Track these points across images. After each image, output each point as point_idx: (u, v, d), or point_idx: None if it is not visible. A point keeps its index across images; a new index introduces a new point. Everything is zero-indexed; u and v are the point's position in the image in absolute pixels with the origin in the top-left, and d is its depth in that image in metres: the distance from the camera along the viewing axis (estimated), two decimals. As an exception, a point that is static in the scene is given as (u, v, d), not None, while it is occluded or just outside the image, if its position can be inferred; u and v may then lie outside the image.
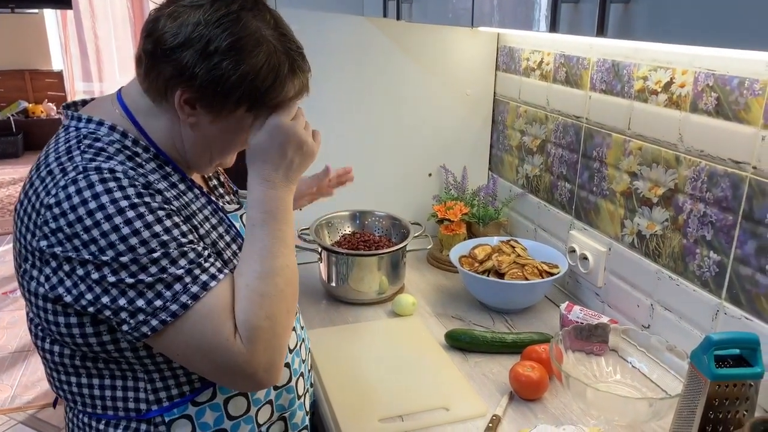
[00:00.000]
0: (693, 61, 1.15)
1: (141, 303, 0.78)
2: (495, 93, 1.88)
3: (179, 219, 0.83)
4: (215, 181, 1.07)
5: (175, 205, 0.84)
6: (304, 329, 1.13)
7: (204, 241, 0.88)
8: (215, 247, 0.90)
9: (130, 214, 0.78)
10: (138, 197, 0.79)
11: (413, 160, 1.86)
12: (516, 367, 1.18)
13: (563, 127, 1.56)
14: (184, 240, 0.81)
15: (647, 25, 0.72)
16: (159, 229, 0.79)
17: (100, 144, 0.84)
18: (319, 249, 1.54)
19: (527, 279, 1.45)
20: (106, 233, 0.77)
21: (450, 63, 1.79)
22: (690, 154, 1.17)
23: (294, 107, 0.91)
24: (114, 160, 0.82)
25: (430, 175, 1.89)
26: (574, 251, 1.52)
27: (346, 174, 1.42)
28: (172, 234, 0.80)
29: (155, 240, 0.78)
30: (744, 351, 0.94)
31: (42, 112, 6.46)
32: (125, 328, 0.79)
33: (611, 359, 1.21)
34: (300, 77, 0.90)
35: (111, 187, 0.78)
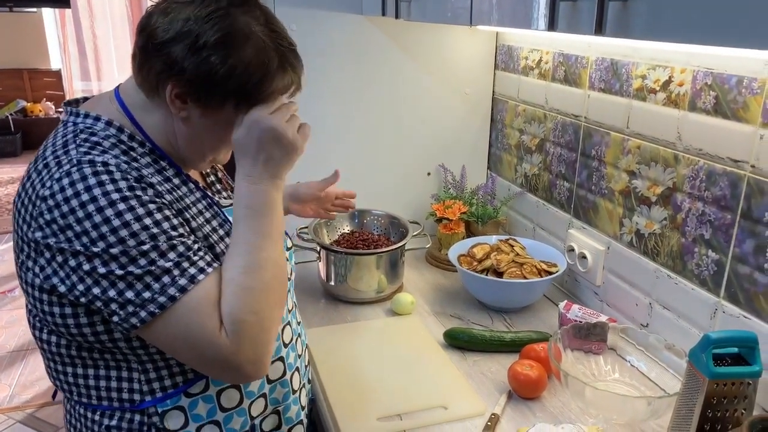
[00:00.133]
0: (691, 60, 1.15)
1: (130, 294, 0.79)
2: (494, 92, 1.88)
3: (170, 212, 0.84)
4: (213, 178, 1.08)
5: (167, 199, 0.85)
6: (301, 325, 1.13)
7: (196, 235, 0.88)
8: (207, 241, 0.90)
9: (120, 206, 0.79)
10: (129, 190, 0.80)
11: (412, 159, 1.85)
12: (515, 366, 1.18)
13: (562, 126, 1.56)
14: (174, 233, 0.82)
15: (645, 24, 0.72)
16: (149, 222, 0.80)
17: (95, 138, 0.85)
18: (318, 248, 1.54)
19: (526, 278, 1.45)
20: (97, 225, 0.78)
21: (449, 62, 1.79)
22: (688, 152, 1.18)
23: (277, 102, 0.90)
24: (108, 154, 0.83)
25: (428, 174, 1.89)
26: (572, 250, 1.52)
27: (350, 197, 1.44)
28: (162, 227, 0.81)
29: (145, 232, 0.79)
30: (742, 349, 0.95)
31: (40, 111, 6.45)
32: (116, 319, 0.80)
33: (610, 358, 1.21)
34: (290, 73, 0.90)
35: (103, 180, 0.79)
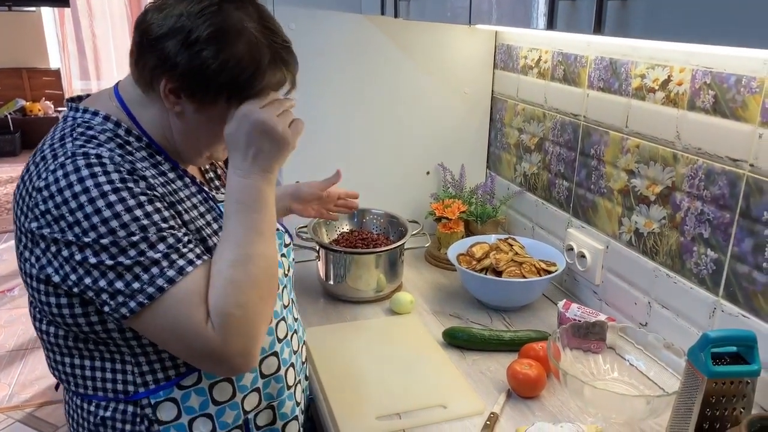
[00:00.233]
0: (690, 59, 1.15)
1: (120, 285, 0.80)
2: (493, 91, 1.88)
3: (161, 205, 0.85)
4: (212, 174, 1.10)
5: (159, 192, 0.86)
6: (298, 321, 1.13)
7: (187, 227, 0.89)
8: (199, 234, 0.91)
9: (112, 198, 0.80)
10: (121, 182, 0.82)
11: (411, 158, 1.85)
12: (514, 365, 1.18)
13: (561, 125, 1.56)
14: (164, 225, 0.83)
15: (644, 23, 0.72)
16: (139, 213, 0.81)
17: (92, 132, 0.87)
18: (317, 247, 1.54)
19: (525, 277, 1.45)
20: (88, 216, 0.79)
21: (448, 61, 1.79)
22: (687, 151, 1.18)
23: (269, 97, 0.90)
24: (103, 147, 0.85)
25: (428, 174, 1.89)
26: (571, 249, 1.52)
27: (353, 197, 1.44)
28: (152, 219, 0.82)
29: (135, 224, 0.81)
30: (741, 348, 0.95)
31: (39, 110, 6.45)
32: (107, 309, 0.82)
33: (609, 357, 1.22)
34: (282, 70, 0.90)
35: (96, 172, 0.81)
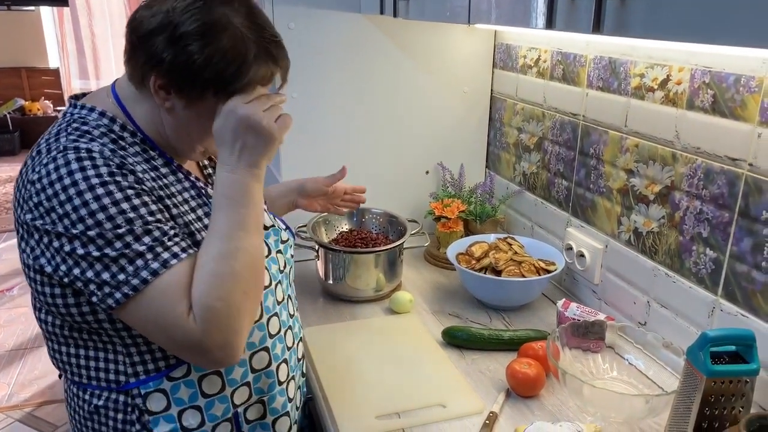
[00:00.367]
0: (689, 59, 1.15)
1: (106, 276, 0.82)
2: (492, 90, 1.88)
3: (149, 199, 0.86)
4: (210, 170, 1.11)
5: (147, 186, 0.87)
6: (294, 318, 1.13)
7: (176, 221, 0.90)
8: (188, 228, 0.92)
9: (99, 191, 0.82)
10: (109, 176, 0.83)
11: (410, 157, 1.85)
12: (513, 364, 1.18)
13: (560, 125, 1.56)
14: (150, 218, 0.85)
15: (643, 22, 0.72)
16: (126, 207, 0.83)
17: (86, 127, 0.89)
18: (317, 246, 1.54)
19: (524, 276, 1.45)
20: (76, 208, 0.81)
21: (447, 60, 1.79)
22: (686, 151, 1.18)
23: (256, 92, 0.91)
24: (96, 142, 0.87)
25: (427, 173, 1.89)
26: (570, 248, 1.52)
27: (360, 192, 1.45)
28: (138, 212, 0.84)
29: (121, 216, 0.82)
30: (740, 348, 0.95)
31: (38, 109, 6.45)
32: (95, 299, 0.84)
33: (608, 356, 1.22)
34: (269, 64, 0.91)
35: (85, 165, 0.83)
